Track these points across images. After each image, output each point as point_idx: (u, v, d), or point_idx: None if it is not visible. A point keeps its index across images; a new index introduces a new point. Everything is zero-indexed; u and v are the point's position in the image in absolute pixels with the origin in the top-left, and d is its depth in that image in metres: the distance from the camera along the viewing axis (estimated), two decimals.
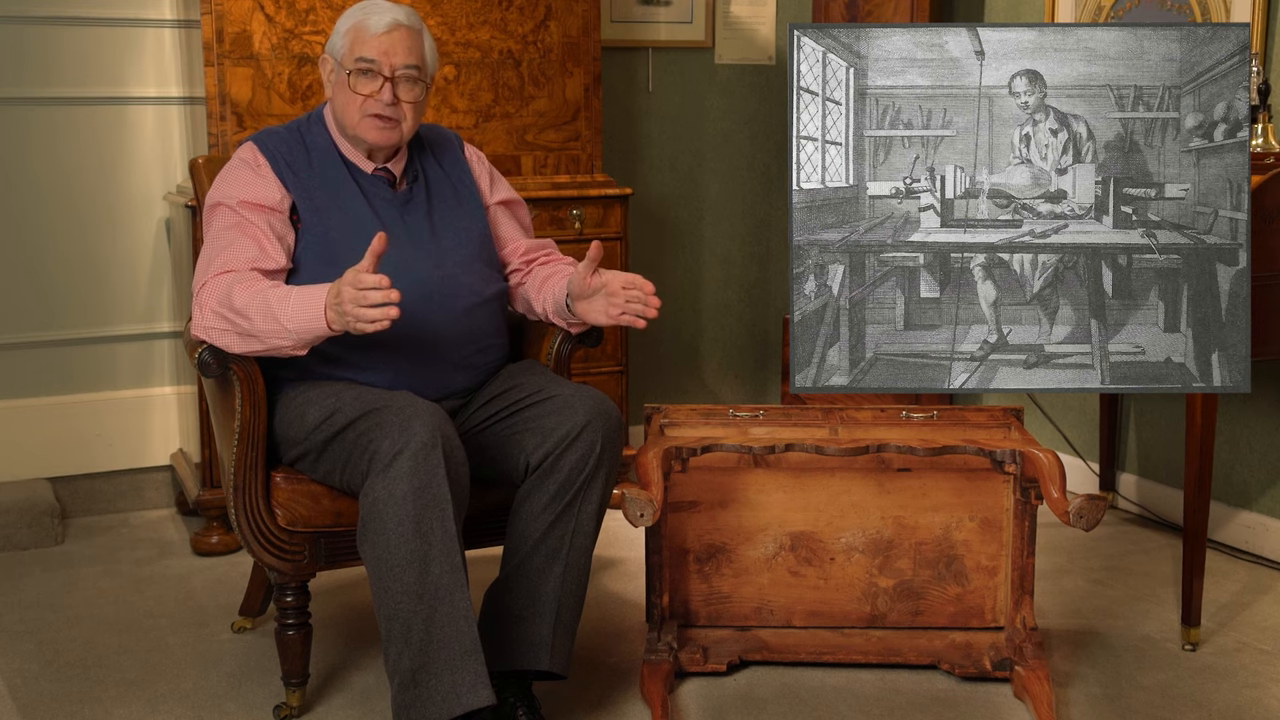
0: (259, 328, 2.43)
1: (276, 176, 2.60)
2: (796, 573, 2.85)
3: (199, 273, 2.56)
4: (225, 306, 2.46)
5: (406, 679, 2.33)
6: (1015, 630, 2.80)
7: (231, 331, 2.47)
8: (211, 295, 2.49)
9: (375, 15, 2.60)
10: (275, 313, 2.41)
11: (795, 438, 2.74)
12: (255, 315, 2.43)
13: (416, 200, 2.68)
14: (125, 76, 3.84)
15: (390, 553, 2.33)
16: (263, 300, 2.43)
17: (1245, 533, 3.60)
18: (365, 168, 2.66)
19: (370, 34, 2.58)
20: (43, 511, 3.68)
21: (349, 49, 2.60)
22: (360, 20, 2.60)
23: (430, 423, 2.35)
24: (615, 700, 2.74)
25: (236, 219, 2.56)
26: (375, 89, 2.59)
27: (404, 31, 2.60)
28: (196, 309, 2.52)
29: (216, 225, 2.59)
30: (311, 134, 2.68)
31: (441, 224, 2.68)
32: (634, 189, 4.23)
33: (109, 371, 3.95)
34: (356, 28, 2.60)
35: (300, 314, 2.40)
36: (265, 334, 2.43)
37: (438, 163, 2.75)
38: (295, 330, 2.40)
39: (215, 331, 2.49)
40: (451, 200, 2.73)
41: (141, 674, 2.87)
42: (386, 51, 2.58)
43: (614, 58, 4.34)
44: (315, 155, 2.65)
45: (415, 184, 2.70)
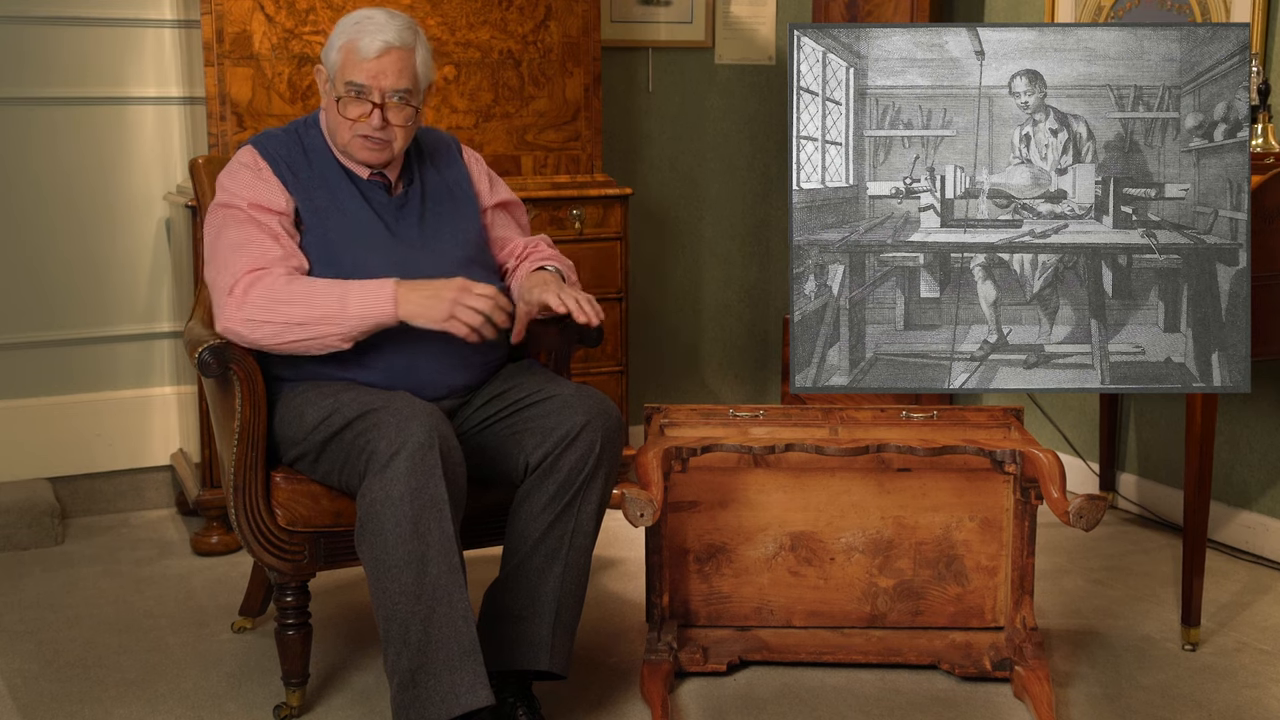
0: (314, 314, 2.45)
1: (279, 179, 2.60)
2: (796, 573, 2.85)
3: (219, 270, 2.54)
4: (270, 298, 2.46)
5: (405, 679, 2.33)
6: (1015, 630, 2.80)
7: (275, 323, 2.47)
8: (253, 287, 2.48)
9: (368, 35, 2.55)
10: (335, 298, 2.45)
11: (795, 438, 2.74)
12: (308, 303, 2.45)
13: (412, 204, 2.68)
14: (125, 76, 3.84)
15: (388, 553, 2.33)
16: (318, 288, 2.47)
17: (1245, 533, 3.60)
18: (361, 173, 2.66)
19: (361, 57, 2.55)
20: (43, 511, 3.68)
21: (340, 69, 2.58)
22: (353, 39, 2.56)
23: (427, 423, 2.36)
24: (615, 700, 2.74)
25: (249, 218, 2.56)
26: (364, 113, 2.57)
27: (395, 55, 2.56)
28: (231, 303, 2.49)
29: (229, 224, 2.57)
30: (309, 136, 2.68)
31: (438, 227, 2.69)
32: (634, 189, 4.22)
33: (109, 371, 3.95)
34: (349, 47, 2.56)
35: (365, 299, 2.45)
36: (319, 320, 2.45)
37: (434, 167, 2.75)
38: (358, 315, 2.45)
39: (255, 323, 2.47)
40: (448, 204, 2.73)
41: (141, 674, 2.87)
42: (376, 76, 2.55)
43: (614, 58, 4.34)
44: (314, 158, 2.65)
45: (411, 188, 2.70)
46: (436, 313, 2.46)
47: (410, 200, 2.68)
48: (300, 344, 2.49)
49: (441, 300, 2.46)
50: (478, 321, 2.46)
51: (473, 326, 2.47)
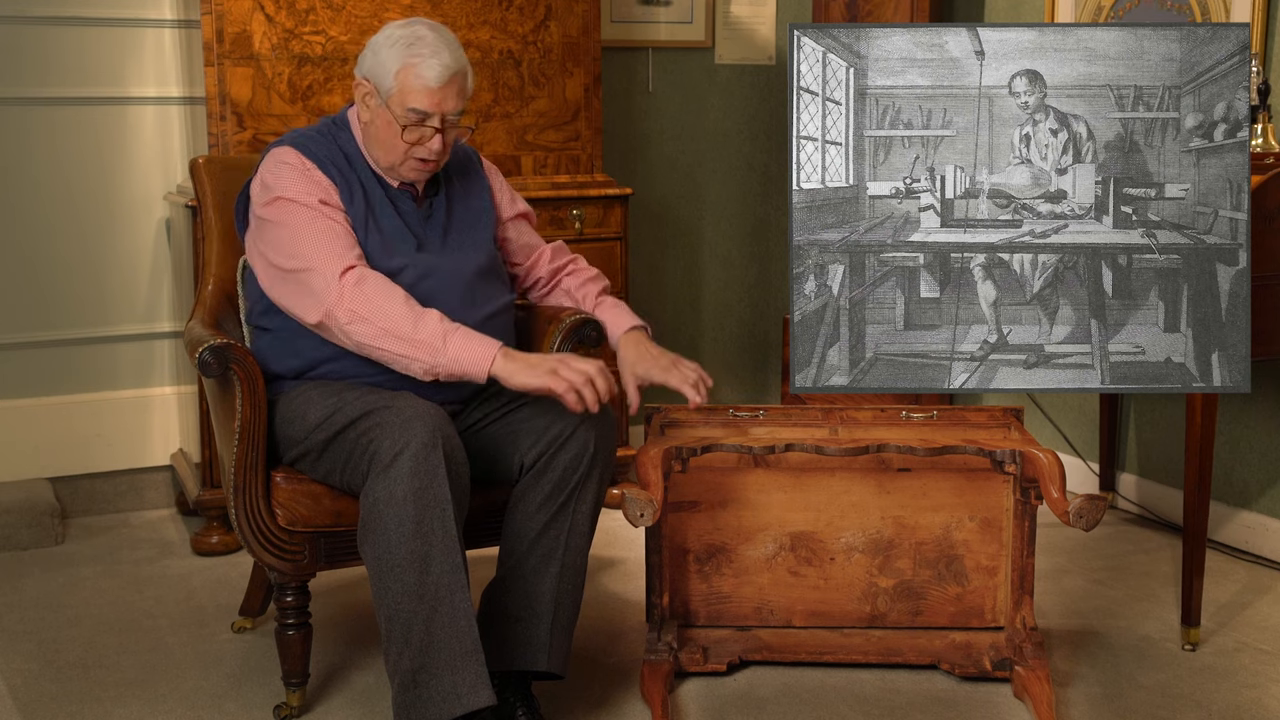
0: (417, 335, 2.42)
1: (329, 179, 2.58)
2: (796, 573, 2.85)
3: (314, 253, 2.48)
4: (381, 298, 2.44)
5: (407, 679, 2.34)
6: (1015, 630, 2.80)
7: (375, 325, 2.43)
8: (364, 283, 2.45)
9: (428, 60, 2.52)
10: (439, 330, 2.42)
11: (795, 438, 2.74)
12: (415, 322, 2.42)
13: (437, 215, 2.68)
14: (125, 76, 3.84)
15: (390, 553, 2.33)
16: (427, 313, 2.44)
17: (1245, 533, 3.60)
18: (391, 181, 2.65)
19: (424, 84, 2.51)
20: (43, 511, 3.68)
21: (398, 93, 2.53)
22: (412, 63, 2.52)
23: (430, 423, 2.36)
24: (615, 700, 2.74)
25: (323, 214, 2.53)
26: (425, 138, 2.56)
27: (458, 79, 2.55)
28: (342, 290, 2.44)
29: (307, 217, 2.51)
30: (344, 141, 2.65)
31: (460, 239, 2.69)
32: (634, 189, 4.23)
33: (109, 371, 3.95)
34: (408, 72, 2.52)
35: (468, 345, 2.42)
36: (418, 343, 2.42)
37: (456, 179, 2.75)
38: (453, 356, 2.41)
39: (358, 317, 2.44)
40: (467, 216, 2.73)
41: (141, 674, 2.87)
42: (440, 102, 2.53)
43: (614, 58, 4.34)
44: (353, 163, 2.63)
45: (436, 199, 2.70)
46: (536, 370, 2.42)
47: (435, 212, 2.68)
48: (385, 354, 2.46)
49: (544, 362, 2.42)
50: (580, 380, 2.41)
51: (574, 385, 2.41)
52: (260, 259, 2.59)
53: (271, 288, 2.57)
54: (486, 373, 2.43)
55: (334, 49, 3.56)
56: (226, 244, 2.89)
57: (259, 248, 2.59)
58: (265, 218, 2.57)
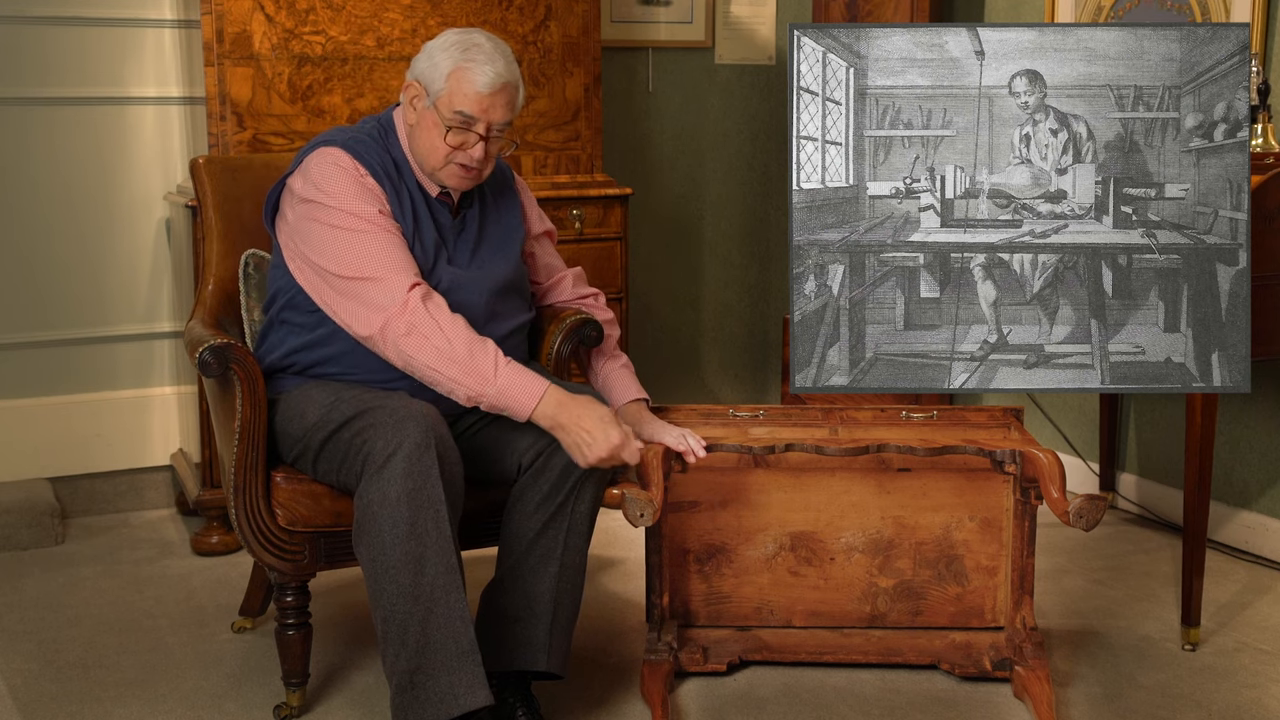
0: (470, 364, 2.41)
1: (380, 189, 2.56)
2: (796, 573, 2.85)
3: (376, 264, 2.46)
4: (440, 321, 2.43)
5: (404, 680, 2.34)
6: (1015, 630, 2.80)
7: (431, 345, 2.42)
8: (428, 301, 2.44)
9: (482, 66, 2.51)
10: (491, 361, 2.41)
11: (795, 438, 2.74)
12: (470, 350, 2.41)
13: (470, 229, 2.67)
14: (125, 76, 3.84)
15: (385, 554, 2.33)
16: (483, 344, 2.43)
17: (1245, 533, 3.60)
18: (431, 190, 2.64)
19: (475, 89, 2.50)
20: (43, 511, 3.68)
21: (447, 95, 2.52)
22: (464, 67, 2.51)
23: (424, 424, 2.35)
24: (615, 700, 2.74)
25: (384, 229, 2.51)
26: (469, 143, 2.55)
27: (508, 90, 2.54)
28: (406, 306, 2.43)
29: (366, 228, 2.50)
30: (392, 146, 2.63)
31: (488, 253, 2.68)
32: (634, 189, 4.23)
33: (109, 371, 3.95)
34: (460, 75, 2.51)
35: (519, 380, 2.41)
36: (470, 371, 2.41)
37: (491, 194, 2.74)
38: (500, 389, 2.40)
39: (416, 334, 2.42)
40: (499, 231, 2.72)
41: (141, 674, 2.87)
42: (488, 110, 2.53)
43: (614, 58, 4.34)
44: (401, 170, 2.62)
45: (470, 211, 2.69)
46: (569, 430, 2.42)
47: (468, 225, 2.67)
48: (433, 375, 2.44)
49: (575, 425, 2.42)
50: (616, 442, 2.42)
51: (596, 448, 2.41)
52: (305, 262, 2.55)
53: (320, 293, 2.54)
54: (530, 412, 2.42)
55: (334, 49, 3.56)
56: (226, 244, 2.89)
57: (302, 249, 2.55)
58: (316, 219, 2.53)
